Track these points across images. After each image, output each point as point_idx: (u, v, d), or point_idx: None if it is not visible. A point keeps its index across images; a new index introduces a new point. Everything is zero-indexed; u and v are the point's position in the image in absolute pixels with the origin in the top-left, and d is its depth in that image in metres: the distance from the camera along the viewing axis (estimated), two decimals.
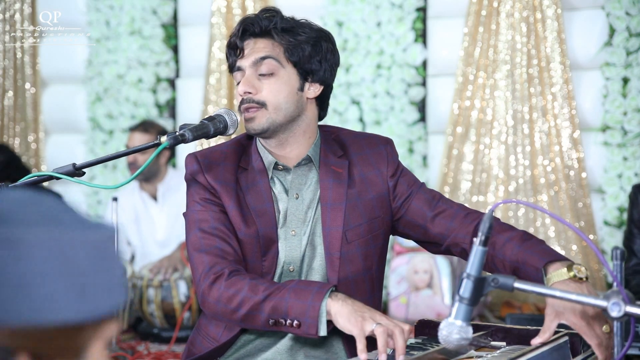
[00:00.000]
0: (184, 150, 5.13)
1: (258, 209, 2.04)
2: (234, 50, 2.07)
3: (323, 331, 1.82)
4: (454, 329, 1.55)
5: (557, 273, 1.83)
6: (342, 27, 4.85)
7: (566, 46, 4.49)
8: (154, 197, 4.59)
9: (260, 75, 2.03)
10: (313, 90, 2.09)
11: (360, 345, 1.73)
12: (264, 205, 2.04)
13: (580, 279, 1.81)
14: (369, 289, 2.08)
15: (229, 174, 2.07)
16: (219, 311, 1.94)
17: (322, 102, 2.15)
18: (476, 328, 1.93)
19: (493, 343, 1.93)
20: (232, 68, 2.09)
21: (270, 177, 2.08)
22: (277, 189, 2.08)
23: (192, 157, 2.10)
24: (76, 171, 1.96)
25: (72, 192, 5.53)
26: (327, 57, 2.09)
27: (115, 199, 3.64)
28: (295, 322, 1.84)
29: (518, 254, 1.93)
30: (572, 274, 1.81)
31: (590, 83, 4.50)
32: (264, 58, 2.02)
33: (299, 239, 2.05)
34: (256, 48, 2.03)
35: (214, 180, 2.05)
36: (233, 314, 1.92)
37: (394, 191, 2.11)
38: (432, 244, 2.13)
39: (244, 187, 2.06)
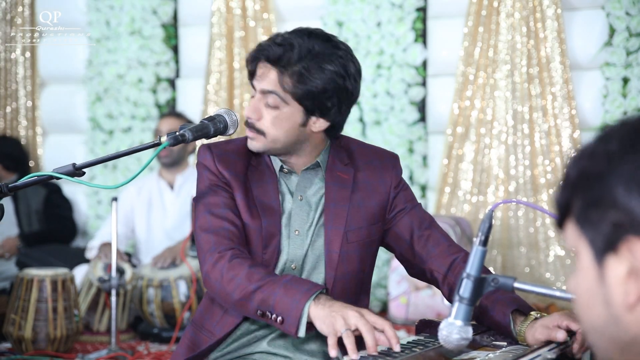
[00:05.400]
0: None
1: (265, 204, 2.08)
2: (249, 67, 2.07)
3: (302, 332, 1.85)
4: (453, 329, 1.55)
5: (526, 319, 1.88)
6: (342, 27, 4.85)
7: (566, 46, 4.49)
8: (171, 186, 4.62)
9: (265, 104, 2.02)
10: (318, 125, 2.06)
11: (331, 341, 1.76)
12: (270, 202, 2.08)
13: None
14: (357, 291, 2.13)
15: (239, 167, 2.10)
16: (217, 291, 1.98)
17: (332, 131, 2.11)
18: (478, 327, 1.93)
19: (495, 342, 1.93)
20: (251, 76, 2.07)
21: (277, 177, 2.11)
22: (283, 190, 2.12)
23: (206, 147, 2.14)
24: (76, 171, 1.96)
25: (73, 192, 5.53)
26: (341, 98, 2.03)
27: (115, 199, 3.65)
28: (279, 317, 1.87)
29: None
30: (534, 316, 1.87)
31: (590, 83, 4.50)
32: (269, 92, 2.01)
33: (302, 239, 2.09)
34: (266, 77, 2.01)
35: (225, 170, 2.09)
36: (227, 297, 1.95)
37: (392, 202, 2.15)
38: (411, 264, 2.16)
39: (253, 183, 2.10)
